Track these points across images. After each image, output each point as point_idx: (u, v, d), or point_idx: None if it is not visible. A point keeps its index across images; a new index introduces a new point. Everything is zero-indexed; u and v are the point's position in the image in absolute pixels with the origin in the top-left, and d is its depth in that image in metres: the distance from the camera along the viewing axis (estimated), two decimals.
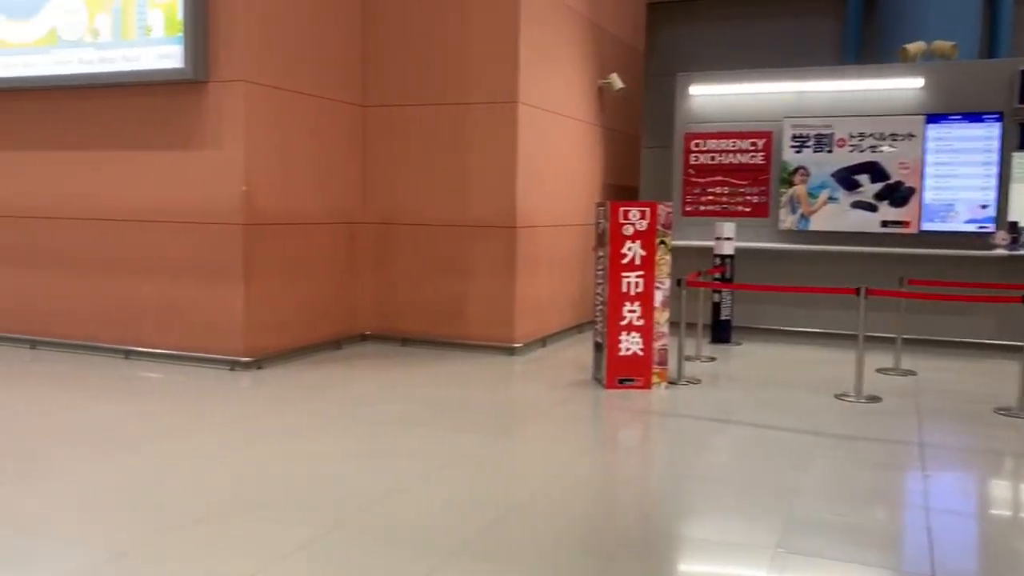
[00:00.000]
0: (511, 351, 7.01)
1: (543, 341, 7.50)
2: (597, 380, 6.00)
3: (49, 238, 6.91)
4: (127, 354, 6.58)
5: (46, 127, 6.86)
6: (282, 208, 6.53)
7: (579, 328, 8.25)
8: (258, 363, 6.29)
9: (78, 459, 4.20)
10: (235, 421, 5.06)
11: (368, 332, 7.50)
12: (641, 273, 5.76)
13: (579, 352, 7.18)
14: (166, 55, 6.17)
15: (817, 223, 8.20)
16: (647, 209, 5.75)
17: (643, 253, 5.74)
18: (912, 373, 6.57)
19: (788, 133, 8.26)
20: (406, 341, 7.35)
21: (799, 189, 8.26)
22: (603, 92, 8.66)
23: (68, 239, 6.84)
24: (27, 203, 6.99)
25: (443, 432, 4.78)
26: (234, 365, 6.23)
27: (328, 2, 6.95)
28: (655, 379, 5.84)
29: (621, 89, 8.63)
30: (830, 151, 8.14)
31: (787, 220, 8.30)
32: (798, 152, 8.25)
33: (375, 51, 7.33)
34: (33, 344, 6.97)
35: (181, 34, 6.10)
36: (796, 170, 8.26)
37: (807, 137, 8.21)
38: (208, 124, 6.24)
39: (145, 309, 6.55)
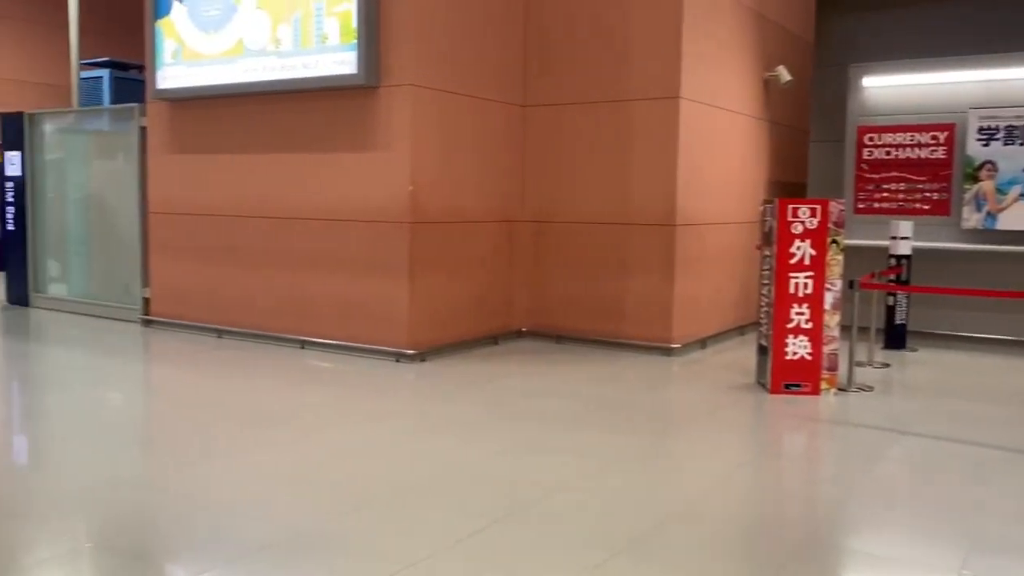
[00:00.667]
0: (668, 352, 6.91)
1: (702, 342, 7.34)
2: (761, 384, 5.82)
3: (235, 235, 7.43)
4: (303, 344, 6.98)
5: (233, 132, 7.38)
6: (445, 207, 6.72)
7: (741, 330, 8.02)
8: (421, 356, 6.52)
9: (261, 443, 4.50)
10: (403, 411, 5.28)
11: (524, 329, 7.60)
12: (810, 274, 5.53)
13: (741, 355, 6.98)
14: (341, 61, 6.49)
15: (1006, 221, 7.59)
16: (818, 207, 5.51)
17: (813, 253, 5.51)
18: None
19: (974, 125, 7.69)
20: (561, 338, 7.40)
21: (986, 185, 7.67)
22: (769, 85, 8.37)
23: (252, 236, 7.32)
24: (215, 202, 7.55)
25: (602, 431, 4.78)
26: (399, 357, 6.48)
27: (492, 7, 7.10)
28: (824, 385, 5.59)
29: (788, 82, 8.31)
30: (1023, 144, 7.51)
31: (971, 218, 7.73)
32: (985, 146, 7.66)
33: (535, 52, 7.41)
34: (219, 333, 7.52)
35: (355, 41, 6.40)
36: (982, 165, 7.68)
37: (996, 129, 7.61)
38: (379, 127, 6.52)
39: (320, 302, 6.92)
